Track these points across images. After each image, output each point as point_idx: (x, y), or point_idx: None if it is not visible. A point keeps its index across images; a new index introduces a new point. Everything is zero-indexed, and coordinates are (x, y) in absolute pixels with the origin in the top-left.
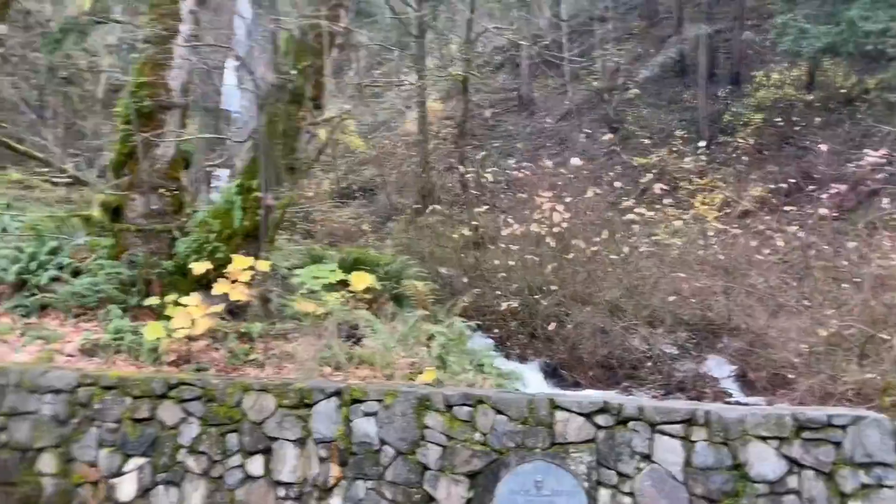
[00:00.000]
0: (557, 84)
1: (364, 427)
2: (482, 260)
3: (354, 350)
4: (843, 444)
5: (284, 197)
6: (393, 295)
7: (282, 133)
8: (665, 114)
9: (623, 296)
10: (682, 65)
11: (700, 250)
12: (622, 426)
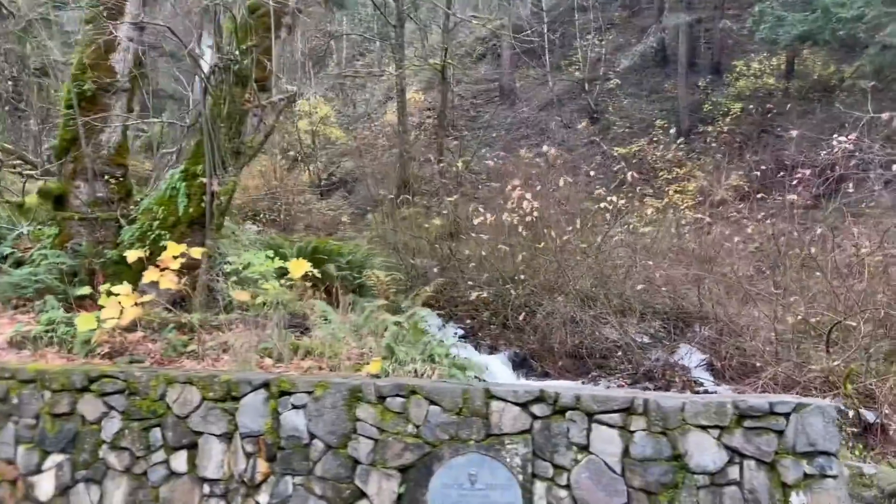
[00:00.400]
0: (539, 74)
1: (293, 420)
2: (455, 250)
3: (301, 341)
4: (786, 433)
5: (228, 182)
6: (356, 285)
7: (226, 116)
8: (646, 104)
9: (594, 285)
10: (663, 55)
11: (674, 239)
12: (559, 416)
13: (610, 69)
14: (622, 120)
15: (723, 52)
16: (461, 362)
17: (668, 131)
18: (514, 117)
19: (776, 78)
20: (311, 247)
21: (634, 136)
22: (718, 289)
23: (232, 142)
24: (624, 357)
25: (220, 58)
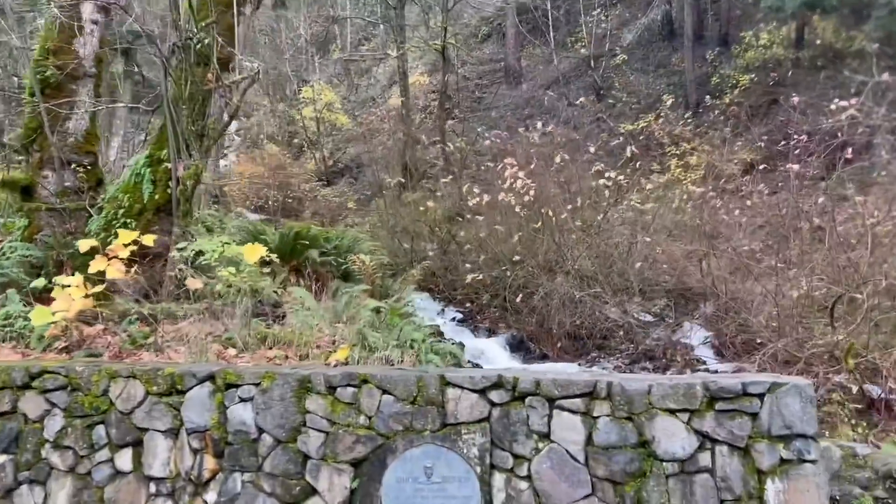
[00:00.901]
0: (545, 53)
1: (240, 414)
2: (454, 233)
3: (271, 329)
4: (760, 416)
5: (191, 166)
6: (343, 271)
7: (188, 98)
8: (653, 79)
9: (594, 264)
10: (669, 28)
11: (677, 215)
12: (518, 402)
13: (616, 45)
14: (629, 96)
15: (731, 24)
16: (440, 347)
17: (679, 107)
18: (519, 97)
19: (786, 48)
20: (294, 233)
21: (641, 112)
22: (720, 265)
23: (196, 124)
24: (625, 337)
25: (179, 36)
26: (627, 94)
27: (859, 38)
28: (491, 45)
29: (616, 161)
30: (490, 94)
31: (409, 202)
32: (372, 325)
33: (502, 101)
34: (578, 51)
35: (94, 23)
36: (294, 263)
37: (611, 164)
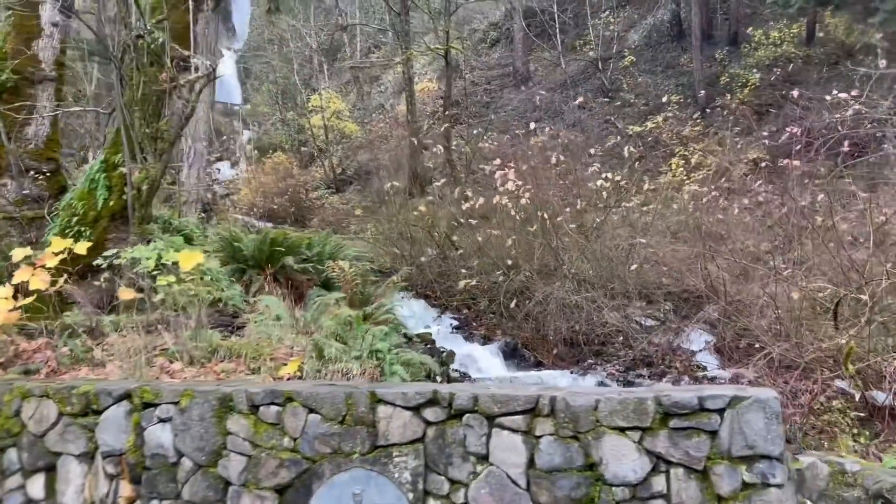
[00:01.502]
0: (553, 56)
1: (158, 436)
2: (452, 238)
3: (228, 341)
4: (720, 434)
5: (142, 170)
6: (324, 278)
7: (140, 99)
8: (662, 79)
9: (592, 267)
10: (678, 28)
11: (679, 216)
12: (455, 421)
13: (624, 46)
14: (637, 97)
15: (740, 23)
16: (410, 357)
17: (687, 108)
18: (527, 100)
19: (796, 45)
20: (269, 239)
21: (650, 113)
22: (718, 266)
23: (150, 126)
24: (624, 343)
25: (129, 35)
26: (636, 96)
27: (870, 33)
28: (500, 49)
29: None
30: (498, 99)
31: (413, 208)
32: (335, 335)
33: (510, 105)
34: (587, 53)
35: (53, 25)
36: (271, 271)
37: (617, 166)
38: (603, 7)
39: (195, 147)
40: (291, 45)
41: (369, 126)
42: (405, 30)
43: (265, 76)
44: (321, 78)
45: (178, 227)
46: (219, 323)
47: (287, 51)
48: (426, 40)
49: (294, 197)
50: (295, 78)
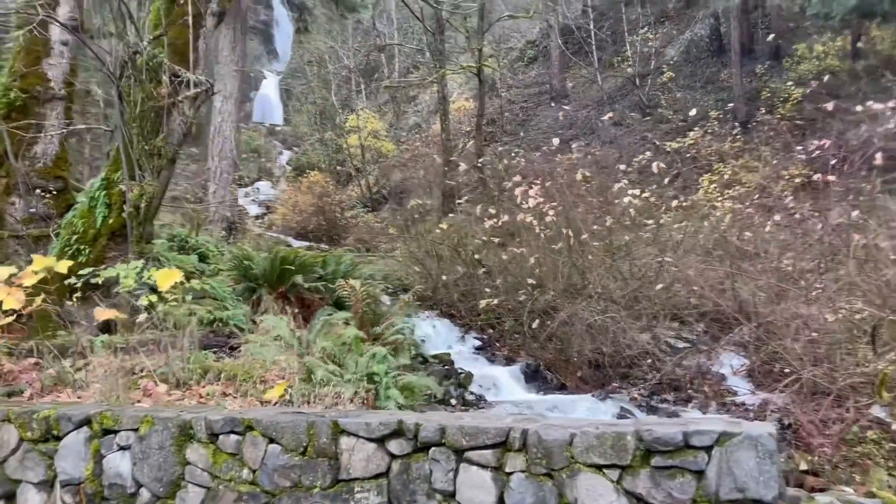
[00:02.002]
0: (590, 73)
1: (116, 464)
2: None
3: (221, 362)
4: (707, 474)
5: (138, 187)
6: (337, 297)
7: (138, 115)
8: (701, 95)
9: (620, 287)
10: (718, 43)
11: (713, 234)
12: (421, 454)
13: (663, 62)
14: (676, 113)
15: (783, 37)
16: (409, 381)
17: (724, 122)
18: (564, 118)
19: (841, 59)
20: (279, 257)
21: (689, 130)
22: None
23: (148, 143)
24: (652, 365)
25: (126, 51)
26: (674, 112)
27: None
28: (537, 67)
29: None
30: (534, 116)
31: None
32: (332, 357)
33: (546, 123)
34: (624, 70)
35: (63, 44)
36: (282, 290)
37: (652, 183)
38: (641, 23)
39: (220, 166)
40: (329, 66)
41: (405, 145)
42: (440, 49)
43: (305, 97)
44: (359, 98)
45: (193, 246)
46: (215, 343)
47: (325, 72)
48: (462, 59)
49: (329, 216)
50: (332, 98)
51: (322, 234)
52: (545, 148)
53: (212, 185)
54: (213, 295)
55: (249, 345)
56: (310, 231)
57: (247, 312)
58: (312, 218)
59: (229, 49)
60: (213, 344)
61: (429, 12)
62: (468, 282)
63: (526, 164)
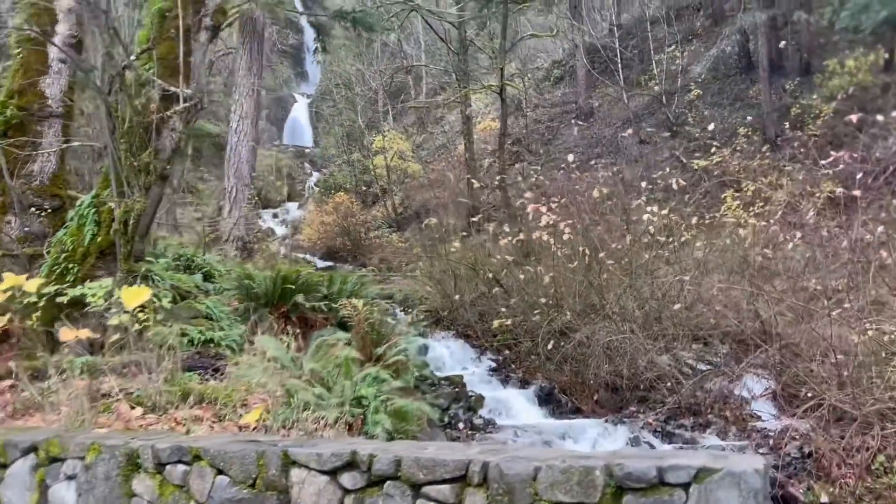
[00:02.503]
0: (617, 92)
1: (62, 495)
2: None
3: (205, 385)
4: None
5: (124, 204)
6: (341, 317)
7: (126, 131)
8: (729, 112)
9: (638, 306)
10: (747, 60)
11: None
12: (375, 488)
13: (690, 80)
14: (703, 131)
15: (813, 53)
16: (402, 405)
17: (756, 141)
18: (590, 136)
19: (874, 74)
20: (280, 276)
21: (716, 147)
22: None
23: (136, 158)
24: (672, 388)
25: (113, 65)
26: (701, 130)
27: None
28: (563, 86)
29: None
30: (561, 136)
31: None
32: (321, 379)
33: (572, 142)
34: (651, 88)
35: (61, 62)
36: (283, 310)
37: (678, 201)
38: (668, 41)
39: (236, 186)
40: (356, 88)
41: (432, 166)
42: (463, 69)
43: (333, 119)
44: (385, 120)
45: (199, 265)
46: (202, 365)
47: (351, 94)
48: (487, 79)
49: (354, 236)
50: (359, 120)
51: (347, 254)
52: (564, 165)
53: (227, 204)
54: (208, 314)
55: (238, 366)
56: (335, 251)
57: (244, 333)
58: (337, 238)
59: (245, 69)
60: (199, 365)
61: (455, 33)
62: (485, 301)
63: (547, 182)
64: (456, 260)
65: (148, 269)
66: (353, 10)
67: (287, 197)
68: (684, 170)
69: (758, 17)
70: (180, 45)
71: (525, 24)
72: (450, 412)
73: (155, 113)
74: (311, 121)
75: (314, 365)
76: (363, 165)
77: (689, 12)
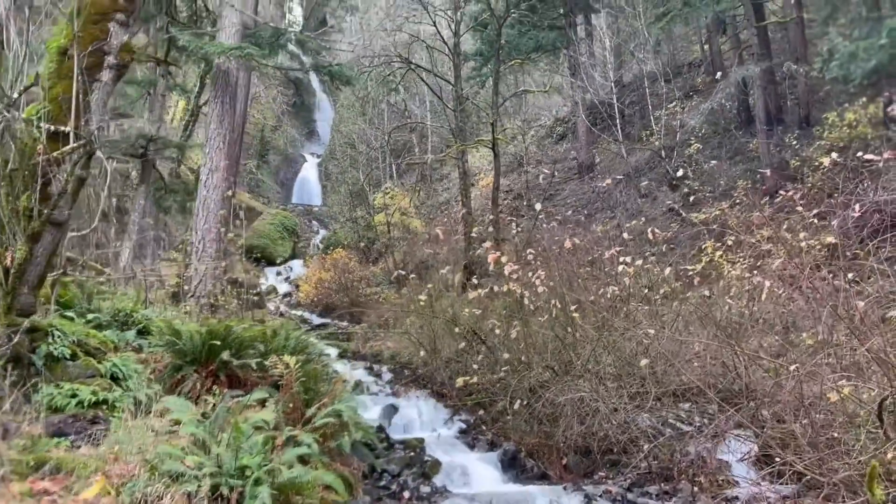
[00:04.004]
0: (617, 147)
1: None
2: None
3: (70, 453)
4: None
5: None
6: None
7: (7, 175)
8: (728, 166)
9: (614, 363)
10: (747, 115)
11: (724, 306)
12: None
13: (690, 135)
14: (703, 185)
15: (812, 106)
16: (293, 477)
17: (752, 192)
18: (590, 191)
19: (874, 125)
20: (207, 331)
21: (716, 201)
22: (756, 363)
23: (17, 202)
24: (651, 451)
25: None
26: (701, 184)
27: None
28: (566, 143)
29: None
30: (562, 191)
31: (453, 301)
32: (202, 444)
33: (574, 197)
34: (652, 143)
35: None
36: (212, 368)
37: (679, 255)
38: (669, 97)
39: (205, 240)
40: (360, 147)
41: (434, 222)
42: (460, 126)
43: (339, 178)
44: (387, 177)
45: (137, 321)
46: (78, 430)
47: (355, 153)
48: (487, 136)
49: (352, 292)
50: (362, 179)
51: (344, 310)
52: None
53: (193, 258)
54: (113, 373)
55: (118, 432)
56: (332, 308)
57: (155, 393)
58: (335, 295)
59: (217, 122)
60: (72, 431)
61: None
62: (461, 357)
63: (538, 236)
64: (432, 315)
65: (50, 323)
66: (330, 64)
67: (292, 254)
68: (684, 223)
69: (752, 70)
70: (75, 83)
71: (530, 83)
72: (400, 479)
73: (41, 154)
74: (320, 179)
75: (196, 430)
76: (366, 222)
77: (689, 69)
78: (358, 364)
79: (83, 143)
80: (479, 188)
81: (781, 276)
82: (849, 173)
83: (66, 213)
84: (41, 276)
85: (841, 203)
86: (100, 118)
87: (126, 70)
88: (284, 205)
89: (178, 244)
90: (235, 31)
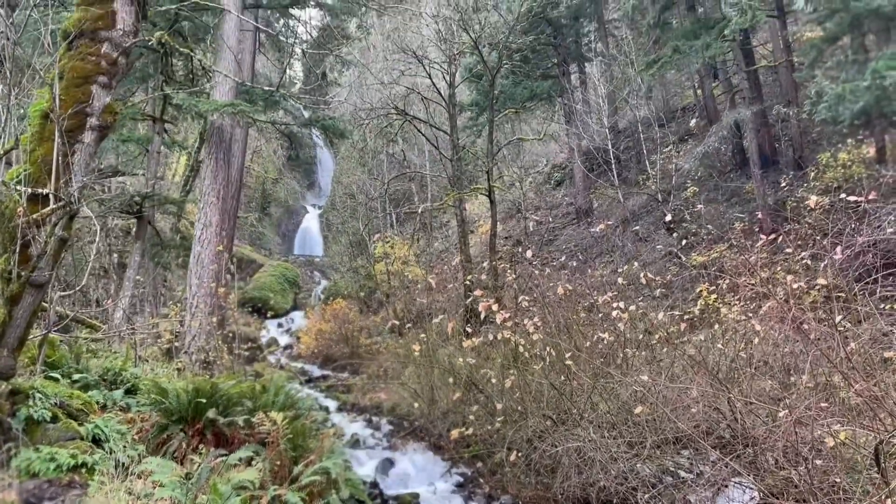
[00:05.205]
0: (615, 192)
1: None
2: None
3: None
4: None
5: None
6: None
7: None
8: (726, 208)
9: (612, 411)
10: (742, 158)
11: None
12: None
13: (687, 178)
14: (700, 228)
15: (805, 147)
16: None
17: (749, 234)
18: (588, 236)
19: (867, 166)
20: (192, 389)
21: (714, 244)
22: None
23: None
24: (653, 499)
25: None
26: (698, 227)
27: None
28: (564, 189)
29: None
30: (560, 236)
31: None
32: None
33: (572, 242)
34: (649, 187)
35: None
36: (199, 426)
37: (678, 298)
38: (664, 142)
39: (198, 295)
40: (359, 197)
41: (435, 270)
42: (457, 174)
43: (340, 228)
44: (387, 227)
45: (125, 379)
46: (53, 495)
47: (355, 203)
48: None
49: (352, 343)
50: (361, 229)
51: (345, 361)
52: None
53: (188, 315)
54: (96, 435)
55: (94, 497)
56: (333, 359)
57: (138, 454)
58: (335, 346)
59: (211, 178)
60: (46, 496)
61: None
62: (458, 408)
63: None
64: (430, 365)
65: (32, 385)
66: (324, 118)
67: (293, 305)
68: (682, 267)
69: (744, 113)
70: (56, 144)
71: (526, 131)
72: None
73: (21, 216)
74: (322, 230)
75: (173, 492)
76: (367, 272)
77: (683, 113)
78: (357, 417)
79: (62, 204)
80: (478, 234)
81: (776, 319)
82: (837, 214)
83: (46, 274)
84: (21, 338)
85: (830, 245)
86: (82, 178)
87: (109, 131)
88: (286, 256)
89: (177, 300)
90: (230, 88)
